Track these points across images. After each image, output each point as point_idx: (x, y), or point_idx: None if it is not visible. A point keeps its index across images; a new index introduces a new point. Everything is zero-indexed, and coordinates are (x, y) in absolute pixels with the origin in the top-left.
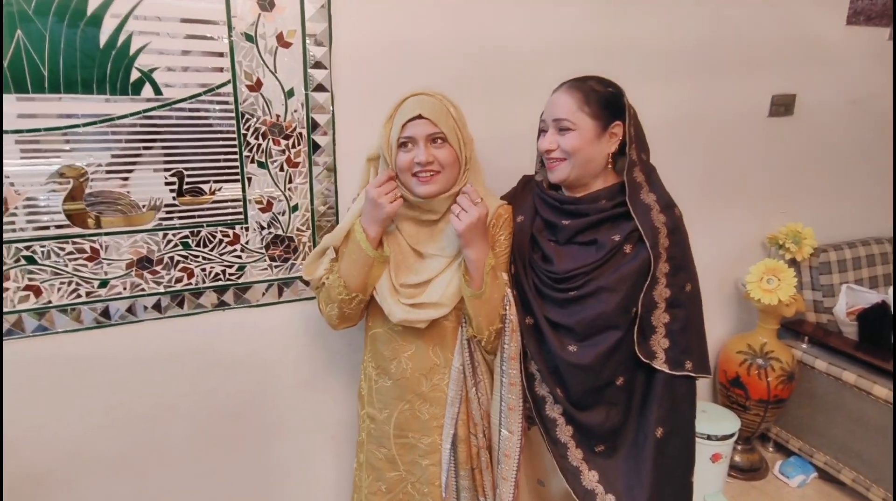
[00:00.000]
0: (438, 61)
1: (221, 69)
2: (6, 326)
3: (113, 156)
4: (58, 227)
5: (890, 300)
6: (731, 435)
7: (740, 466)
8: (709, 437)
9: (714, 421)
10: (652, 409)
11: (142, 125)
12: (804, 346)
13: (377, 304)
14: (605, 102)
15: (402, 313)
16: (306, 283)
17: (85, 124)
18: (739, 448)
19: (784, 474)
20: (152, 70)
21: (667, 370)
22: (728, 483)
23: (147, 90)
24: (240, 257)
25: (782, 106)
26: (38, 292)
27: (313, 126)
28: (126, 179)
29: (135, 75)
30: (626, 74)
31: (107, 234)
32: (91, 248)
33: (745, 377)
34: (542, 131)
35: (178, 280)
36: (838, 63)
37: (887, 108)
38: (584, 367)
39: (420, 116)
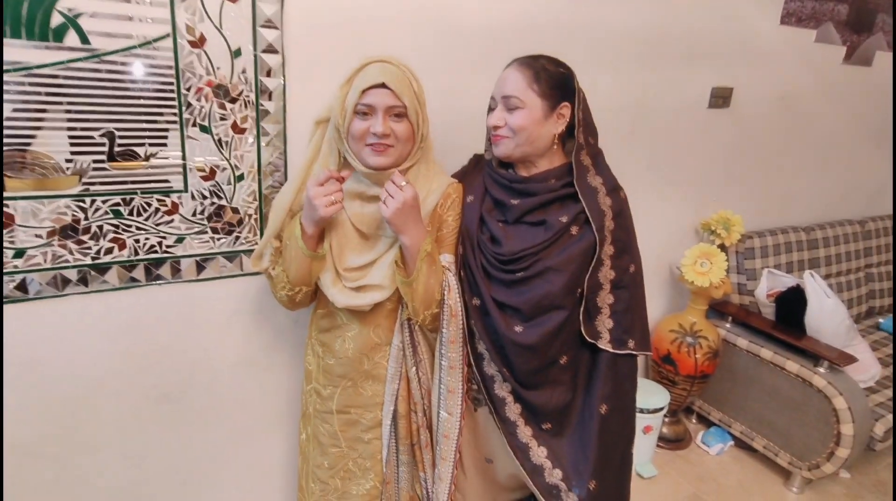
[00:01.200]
0: (395, 31)
1: (158, 21)
2: None
3: (30, 111)
4: None
5: (804, 284)
6: (662, 409)
7: (667, 437)
8: (641, 410)
9: (646, 396)
10: (597, 387)
11: (65, 77)
12: (728, 325)
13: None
14: (555, 82)
15: (345, 299)
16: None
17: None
18: (667, 420)
19: (705, 443)
20: (77, 15)
21: (611, 350)
22: (656, 453)
23: (72, 38)
24: (178, 228)
25: (721, 98)
26: None
27: (262, 90)
28: (49, 140)
29: (56, 20)
30: (577, 58)
31: (24, 198)
32: (5, 213)
33: (676, 354)
34: (491, 108)
35: (108, 251)
36: (771, 60)
37: (811, 105)
38: (530, 346)
39: (383, 85)
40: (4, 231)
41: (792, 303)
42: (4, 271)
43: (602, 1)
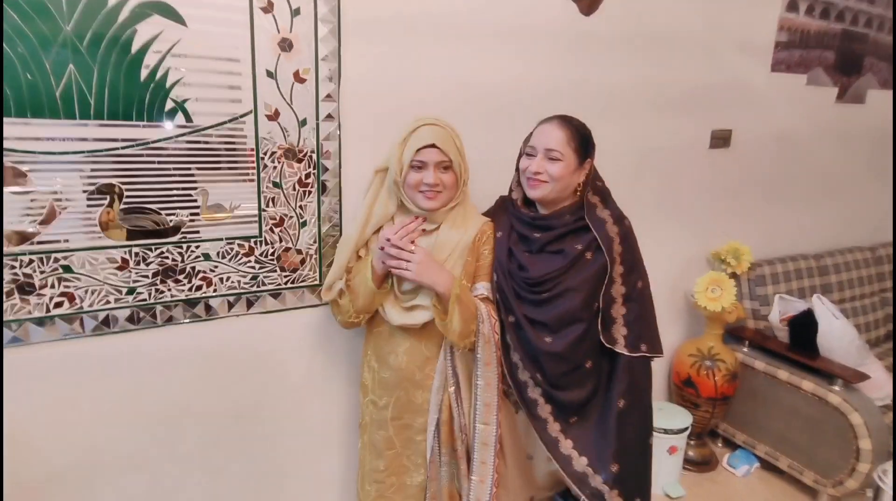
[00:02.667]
0: (430, 99)
1: (245, 100)
2: (36, 330)
3: (145, 173)
4: (90, 238)
5: (815, 307)
6: (685, 429)
7: (693, 459)
8: (665, 431)
9: (670, 418)
10: (615, 385)
11: (174, 149)
12: (745, 349)
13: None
14: (584, 141)
15: (400, 318)
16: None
17: (124, 147)
18: (692, 443)
19: (731, 465)
20: (184, 101)
21: (626, 353)
22: (683, 475)
23: (179, 118)
24: (254, 267)
25: (721, 139)
26: (71, 298)
27: (322, 152)
28: (158, 197)
29: (169, 105)
30: (589, 111)
31: (137, 246)
32: (121, 258)
33: (696, 377)
34: (527, 155)
35: (198, 288)
36: (766, 104)
37: (808, 142)
38: (558, 354)
39: (433, 145)
40: (121, 273)
41: (804, 326)
42: (121, 305)
43: (609, 62)
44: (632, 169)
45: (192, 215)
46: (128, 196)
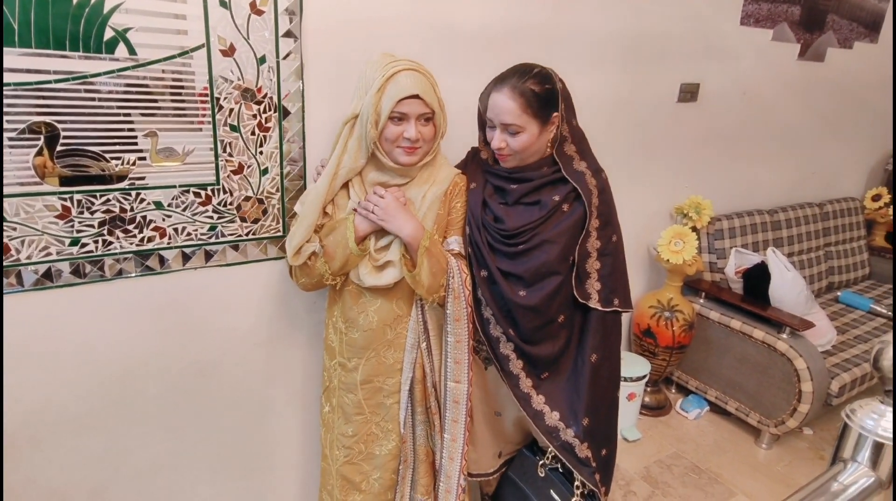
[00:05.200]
0: (399, 38)
1: (194, 33)
2: None
3: (82, 112)
4: (23, 184)
5: (769, 260)
6: (644, 377)
7: (649, 405)
8: (625, 379)
9: (629, 366)
10: (587, 340)
11: (115, 84)
12: (702, 300)
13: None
14: (544, 101)
15: (370, 279)
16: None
17: (57, 81)
18: (649, 389)
19: (684, 410)
20: (126, 30)
21: (600, 308)
22: (640, 419)
23: (121, 50)
24: (211, 217)
25: (689, 93)
26: (6, 249)
27: (283, 93)
28: (97, 136)
29: (108, 34)
30: (560, 60)
31: (79, 192)
32: (62, 206)
33: (655, 327)
34: (488, 126)
35: (150, 239)
36: (733, 58)
37: (770, 98)
38: (533, 307)
39: (416, 96)
40: (62, 222)
41: (757, 278)
42: (64, 257)
43: (582, 9)
44: (603, 122)
45: (140, 159)
46: (65, 137)
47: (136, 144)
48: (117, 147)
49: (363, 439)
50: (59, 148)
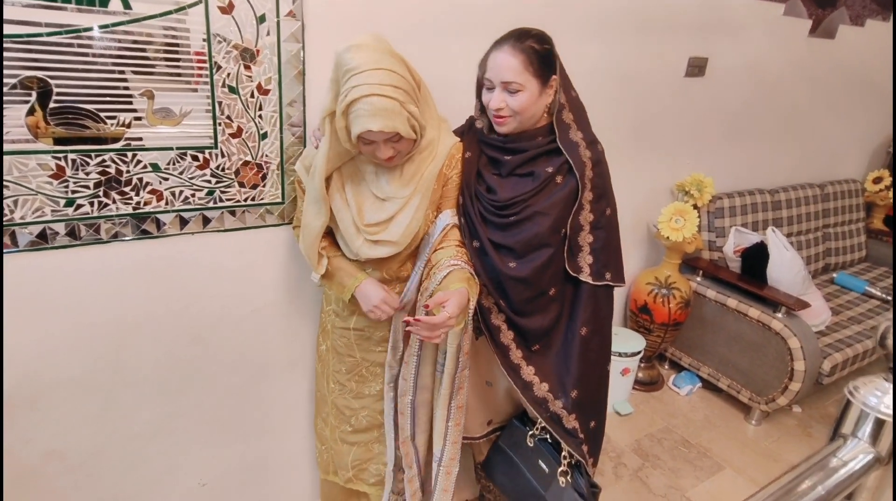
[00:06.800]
0: (401, 4)
1: None
2: None
3: (75, 69)
4: (15, 142)
5: (767, 240)
6: (638, 353)
7: (642, 380)
8: (620, 354)
9: (624, 342)
10: (578, 313)
11: (109, 40)
12: (699, 278)
13: (341, 236)
14: (544, 60)
15: (366, 251)
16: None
17: (49, 34)
18: (643, 365)
19: (676, 386)
20: None
21: (591, 282)
22: (632, 394)
23: (115, 3)
24: (209, 181)
25: (696, 67)
26: None
27: (284, 54)
28: (91, 94)
29: None
30: (565, 28)
31: (73, 151)
32: (56, 165)
33: (652, 304)
34: (486, 88)
35: (147, 202)
36: (743, 32)
37: (778, 75)
38: (523, 279)
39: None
40: (57, 182)
41: (756, 258)
42: (58, 218)
43: None
44: (606, 93)
45: (136, 119)
46: (58, 94)
47: (130, 103)
48: (112, 106)
49: (354, 378)
50: (52, 105)
